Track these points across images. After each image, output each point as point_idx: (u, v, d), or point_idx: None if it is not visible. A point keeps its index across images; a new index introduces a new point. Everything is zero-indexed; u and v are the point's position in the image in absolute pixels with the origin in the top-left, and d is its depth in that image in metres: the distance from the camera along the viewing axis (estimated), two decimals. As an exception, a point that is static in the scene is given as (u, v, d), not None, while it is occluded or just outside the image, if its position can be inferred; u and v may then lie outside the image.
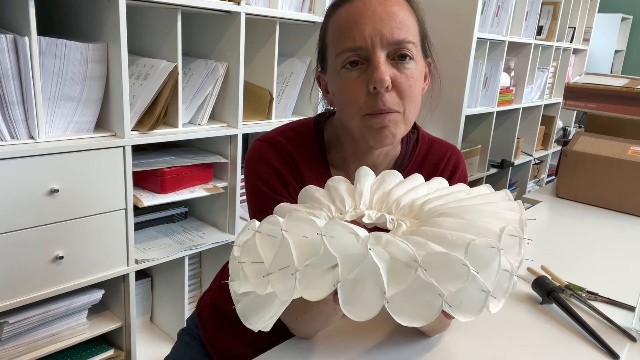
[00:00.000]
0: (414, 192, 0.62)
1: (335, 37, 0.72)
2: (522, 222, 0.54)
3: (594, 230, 1.34)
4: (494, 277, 0.48)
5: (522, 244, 0.52)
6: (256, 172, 0.79)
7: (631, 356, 0.78)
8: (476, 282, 0.47)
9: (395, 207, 0.61)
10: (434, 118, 2.28)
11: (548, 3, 2.99)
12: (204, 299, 1.00)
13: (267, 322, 0.54)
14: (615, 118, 1.65)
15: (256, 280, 0.50)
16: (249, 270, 0.50)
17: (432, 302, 0.47)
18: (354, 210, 0.62)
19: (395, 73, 0.70)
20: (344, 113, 0.74)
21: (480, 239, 0.48)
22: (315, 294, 0.47)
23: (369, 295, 0.47)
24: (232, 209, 1.64)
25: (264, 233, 0.51)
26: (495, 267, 0.48)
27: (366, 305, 0.47)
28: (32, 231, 1.18)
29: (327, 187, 0.66)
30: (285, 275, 0.48)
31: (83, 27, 1.34)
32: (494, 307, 0.49)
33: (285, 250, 0.48)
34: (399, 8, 0.71)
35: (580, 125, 3.77)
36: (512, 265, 0.50)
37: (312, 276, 0.48)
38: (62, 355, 1.39)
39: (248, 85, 1.67)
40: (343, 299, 0.47)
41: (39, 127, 1.17)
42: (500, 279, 0.49)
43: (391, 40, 0.69)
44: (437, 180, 0.66)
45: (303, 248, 0.48)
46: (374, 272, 0.47)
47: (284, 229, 0.49)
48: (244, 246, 0.52)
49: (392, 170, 0.67)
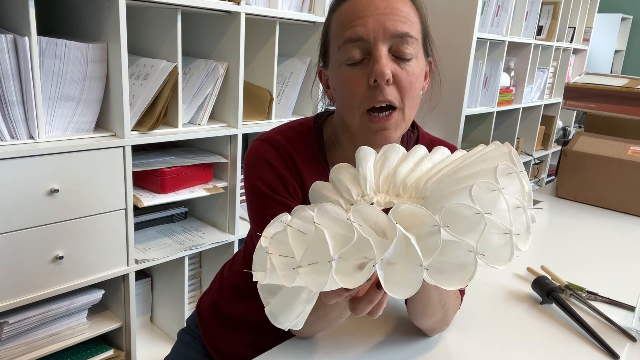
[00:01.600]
0: (418, 169, 0.62)
1: (338, 30, 0.73)
2: (511, 155, 0.54)
3: (594, 230, 1.34)
4: (508, 217, 0.48)
5: (521, 177, 0.52)
6: (256, 171, 0.79)
7: (631, 356, 0.78)
8: (495, 227, 0.47)
9: (403, 189, 0.61)
10: (434, 118, 2.28)
11: (548, 3, 2.99)
12: (204, 299, 1.00)
13: (295, 320, 0.54)
14: (615, 118, 1.65)
15: (284, 272, 0.50)
16: (277, 262, 0.50)
17: (466, 261, 0.47)
18: (362, 198, 0.62)
19: (396, 68, 0.70)
20: (344, 107, 0.74)
21: (478, 183, 0.48)
22: (352, 281, 0.47)
23: (407, 271, 0.47)
24: (232, 209, 1.64)
25: (295, 227, 0.51)
26: (504, 207, 0.48)
27: (407, 281, 0.47)
28: (32, 231, 1.18)
29: (331, 180, 0.65)
30: (316, 269, 0.48)
31: (83, 27, 1.34)
32: (522, 245, 0.49)
33: (319, 242, 0.48)
34: (402, 4, 0.71)
35: (580, 125, 3.77)
36: (520, 201, 0.50)
37: (344, 267, 0.48)
38: (62, 355, 1.39)
39: (248, 85, 1.67)
40: (384, 279, 0.47)
41: (38, 127, 1.17)
42: (516, 217, 0.49)
43: (394, 33, 0.69)
44: (439, 151, 0.65)
45: (335, 239, 0.49)
46: (405, 247, 0.47)
47: (316, 222, 0.49)
48: (274, 239, 0.52)
49: (393, 144, 0.65)
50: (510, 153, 0.54)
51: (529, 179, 0.53)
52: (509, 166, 0.51)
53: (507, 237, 0.48)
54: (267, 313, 0.54)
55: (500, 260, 0.48)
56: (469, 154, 0.62)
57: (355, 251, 0.48)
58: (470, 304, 0.88)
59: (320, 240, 0.48)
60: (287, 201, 0.77)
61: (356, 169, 0.64)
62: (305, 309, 0.54)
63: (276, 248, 0.51)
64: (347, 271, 0.48)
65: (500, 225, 0.47)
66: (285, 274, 0.49)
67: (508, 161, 0.53)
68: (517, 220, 0.50)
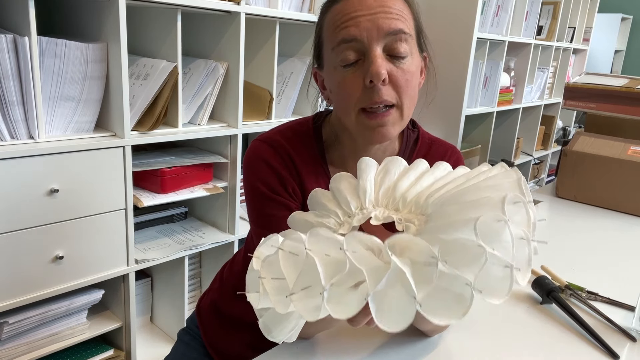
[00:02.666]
0: (418, 184, 0.61)
1: (331, 31, 0.72)
2: (520, 184, 0.53)
3: (594, 230, 1.34)
4: (511, 249, 0.47)
5: (528, 207, 0.50)
6: (255, 172, 0.79)
7: (631, 356, 0.78)
8: (496, 260, 0.46)
9: (402, 204, 0.60)
10: (434, 118, 2.28)
11: (548, 3, 2.99)
12: (204, 299, 1.00)
13: (289, 333, 0.54)
14: (615, 118, 1.65)
15: (277, 298, 0.49)
16: (269, 286, 0.49)
17: (462, 294, 0.46)
18: (361, 211, 0.61)
19: (391, 67, 0.70)
20: (341, 108, 0.74)
21: (485, 215, 0.47)
22: (345, 311, 0.46)
23: (400, 304, 0.46)
24: (232, 209, 1.64)
25: (287, 250, 0.50)
26: (508, 238, 0.47)
27: (400, 314, 0.46)
28: (32, 231, 1.18)
29: (331, 189, 0.65)
30: (308, 295, 0.47)
31: (83, 27, 1.34)
32: (522, 279, 0.48)
33: (310, 269, 0.47)
34: (394, 1, 0.71)
35: (580, 125, 3.77)
36: (524, 232, 0.49)
37: (338, 295, 0.47)
38: (62, 355, 1.39)
39: (248, 85, 1.67)
40: (376, 312, 0.45)
41: (38, 127, 1.17)
42: (519, 249, 0.48)
43: (388, 31, 0.69)
44: (441, 167, 0.64)
45: (327, 266, 0.47)
46: (400, 279, 0.46)
47: (307, 247, 0.48)
48: (265, 261, 0.51)
49: (395, 157, 0.65)
50: (519, 181, 0.53)
51: (534, 209, 0.52)
52: (517, 196, 0.50)
53: (508, 270, 0.46)
54: (261, 326, 0.54)
55: (498, 294, 0.47)
56: (472, 172, 0.60)
57: (348, 278, 0.47)
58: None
59: (311, 268, 0.47)
60: (286, 201, 0.77)
61: (356, 180, 0.64)
62: (300, 322, 0.53)
63: (268, 271, 0.50)
64: (340, 296, 0.47)
65: (502, 258, 0.46)
66: (278, 300, 0.49)
67: (516, 189, 0.52)
68: (519, 252, 0.48)
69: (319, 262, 0.47)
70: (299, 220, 0.64)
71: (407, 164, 0.66)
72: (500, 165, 0.58)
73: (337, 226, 0.61)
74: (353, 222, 0.60)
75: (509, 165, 0.59)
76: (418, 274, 0.46)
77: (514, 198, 0.50)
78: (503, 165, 0.58)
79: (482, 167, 0.60)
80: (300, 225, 0.63)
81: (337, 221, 0.61)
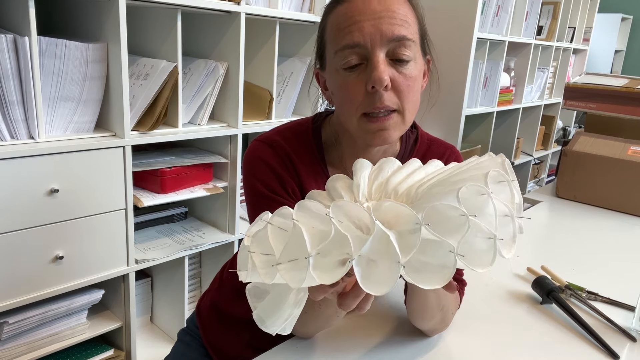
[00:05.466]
0: (410, 178, 0.62)
1: (334, 34, 0.72)
2: (504, 165, 0.54)
3: (594, 230, 1.34)
4: (494, 222, 0.48)
5: (512, 186, 0.51)
6: (254, 172, 0.79)
7: (631, 356, 0.78)
8: (479, 230, 0.47)
9: (394, 196, 0.61)
10: (434, 118, 2.28)
11: (548, 3, 2.99)
12: (204, 299, 1.00)
13: (283, 324, 0.54)
14: (615, 118, 1.65)
15: (264, 270, 0.50)
16: (258, 260, 0.50)
17: (445, 260, 0.46)
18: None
19: (394, 73, 0.69)
20: (343, 111, 0.74)
21: (467, 186, 0.48)
22: (330, 277, 0.47)
23: (384, 268, 0.47)
24: (232, 209, 1.64)
25: (276, 225, 0.50)
26: (491, 211, 0.48)
27: (384, 278, 0.47)
28: (32, 231, 1.18)
29: (327, 188, 0.66)
30: (295, 266, 0.48)
31: (83, 27, 1.34)
32: (507, 252, 0.49)
33: (296, 238, 0.48)
34: (398, 6, 0.70)
35: (580, 125, 3.77)
36: (509, 208, 0.49)
37: (324, 263, 0.48)
38: (62, 355, 1.39)
39: (248, 85, 1.67)
40: (361, 275, 0.46)
41: (39, 127, 1.17)
42: (503, 225, 0.49)
43: (391, 37, 0.68)
44: (433, 163, 0.65)
45: (313, 237, 0.48)
46: (385, 244, 0.47)
47: (295, 218, 0.49)
48: (255, 236, 0.51)
49: (389, 158, 0.65)
50: (504, 163, 0.54)
51: (520, 190, 0.53)
52: (500, 174, 0.51)
53: (491, 241, 0.47)
54: (255, 317, 0.54)
55: (482, 264, 0.47)
56: (462, 164, 0.62)
57: (334, 247, 0.48)
58: (470, 304, 0.88)
59: (298, 237, 0.47)
60: (285, 201, 0.77)
61: (352, 180, 0.65)
62: (294, 313, 0.53)
63: (257, 246, 0.51)
64: (327, 267, 0.48)
65: (485, 229, 0.47)
66: (266, 272, 0.49)
67: (501, 169, 0.53)
68: (503, 228, 0.49)
69: (306, 231, 0.47)
70: (312, 198, 0.64)
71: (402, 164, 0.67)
72: (487, 154, 0.59)
73: None
74: None
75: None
76: (403, 242, 0.47)
77: (497, 176, 0.51)
78: (490, 154, 0.59)
79: (472, 159, 0.61)
80: None
81: None
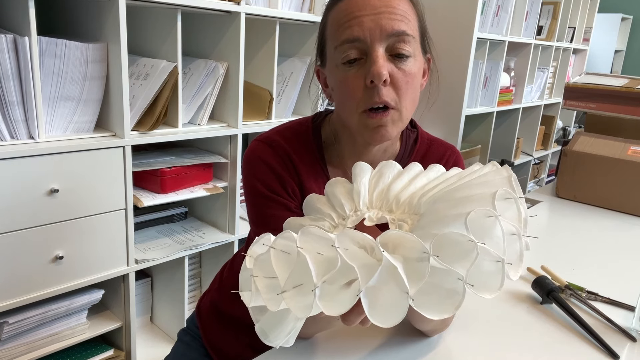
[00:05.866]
0: (412, 185, 0.62)
1: (335, 29, 0.72)
2: (510, 181, 0.53)
3: (594, 230, 1.34)
4: (502, 244, 0.47)
5: (518, 203, 0.51)
6: (254, 172, 0.79)
7: (631, 356, 0.78)
8: (487, 254, 0.46)
9: (396, 205, 0.60)
10: (434, 118, 2.28)
11: (548, 3, 2.99)
12: (203, 299, 1.00)
13: (286, 337, 0.53)
14: (615, 118, 1.65)
15: (268, 296, 0.49)
16: (261, 284, 0.49)
17: (455, 288, 0.46)
18: (355, 213, 0.61)
19: (393, 68, 0.70)
20: (342, 107, 0.74)
21: (475, 210, 0.47)
22: (337, 308, 0.46)
23: (392, 299, 0.46)
24: (232, 209, 1.64)
25: (278, 249, 0.50)
26: (499, 234, 0.47)
27: (392, 309, 0.46)
28: (32, 231, 1.18)
29: (326, 193, 0.65)
30: (300, 293, 0.47)
31: (83, 27, 1.34)
32: (514, 274, 0.48)
33: (301, 267, 0.47)
34: (398, 2, 0.70)
35: (580, 125, 3.77)
36: (516, 227, 0.49)
37: (330, 292, 0.47)
38: (62, 355, 1.39)
39: (248, 85, 1.67)
40: (368, 308, 0.46)
41: (38, 127, 1.17)
42: (510, 244, 0.49)
43: (390, 32, 0.69)
44: (434, 168, 0.65)
45: (319, 264, 0.47)
46: (392, 275, 0.46)
47: (299, 245, 0.48)
48: (257, 260, 0.51)
49: (389, 162, 0.66)
50: (510, 178, 0.54)
51: (526, 205, 0.53)
52: (507, 192, 0.51)
53: (499, 265, 0.47)
54: (257, 331, 0.53)
55: (490, 289, 0.47)
56: (464, 172, 0.61)
57: (340, 275, 0.47)
58: (470, 304, 0.88)
59: (303, 266, 0.47)
60: (285, 201, 0.77)
61: (351, 184, 0.64)
62: (297, 326, 0.53)
63: (260, 270, 0.50)
64: (333, 293, 0.47)
65: (493, 253, 0.46)
66: (270, 298, 0.49)
67: (507, 186, 0.52)
68: (510, 247, 0.49)
69: (311, 260, 0.47)
70: (294, 225, 0.64)
71: (404, 165, 0.66)
72: (491, 164, 0.59)
73: (331, 229, 0.62)
74: (347, 224, 0.60)
75: (509, 165, 0.59)
76: (410, 270, 0.46)
77: (504, 194, 0.50)
78: (494, 164, 0.59)
79: (474, 167, 0.61)
80: (296, 230, 0.64)
81: (331, 224, 0.62)
